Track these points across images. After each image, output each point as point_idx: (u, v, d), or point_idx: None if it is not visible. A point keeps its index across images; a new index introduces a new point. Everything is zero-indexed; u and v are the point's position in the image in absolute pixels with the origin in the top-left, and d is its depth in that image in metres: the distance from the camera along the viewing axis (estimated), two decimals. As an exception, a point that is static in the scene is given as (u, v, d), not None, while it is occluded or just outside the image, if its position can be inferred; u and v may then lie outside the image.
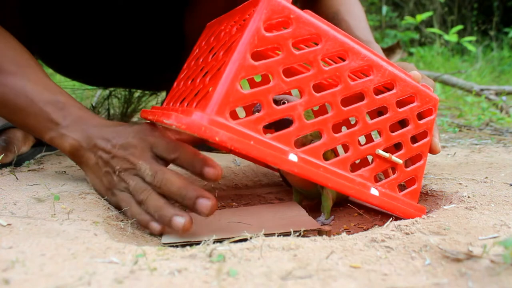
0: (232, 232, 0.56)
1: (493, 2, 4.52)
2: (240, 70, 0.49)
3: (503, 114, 1.61)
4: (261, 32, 0.50)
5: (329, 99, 0.55)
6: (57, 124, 0.66)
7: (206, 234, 0.55)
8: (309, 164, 0.53)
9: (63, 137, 0.65)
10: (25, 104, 0.67)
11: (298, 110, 0.53)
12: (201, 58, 0.62)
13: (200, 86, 0.55)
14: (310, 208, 0.74)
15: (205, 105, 0.49)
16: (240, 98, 0.49)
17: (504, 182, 0.72)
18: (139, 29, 1.03)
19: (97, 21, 0.99)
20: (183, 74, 0.67)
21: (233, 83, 0.49)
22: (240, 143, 0.48)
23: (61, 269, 0.40)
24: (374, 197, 0.58)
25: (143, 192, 0.57)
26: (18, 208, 0.56)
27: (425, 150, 0.63)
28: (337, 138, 0.56)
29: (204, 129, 0.47)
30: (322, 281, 0.39)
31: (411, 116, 0.61)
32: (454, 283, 0.39)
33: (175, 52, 1.07)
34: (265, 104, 0.51)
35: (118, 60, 1.09)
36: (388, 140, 0.60)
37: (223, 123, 0.48)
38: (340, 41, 0.55)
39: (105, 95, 1.47)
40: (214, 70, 0.53)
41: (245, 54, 0.49)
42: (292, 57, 0.52)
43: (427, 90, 0.63)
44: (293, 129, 0.52)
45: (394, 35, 3.95)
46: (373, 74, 0.58)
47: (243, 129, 0.49)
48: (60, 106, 0.67)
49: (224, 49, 0.55)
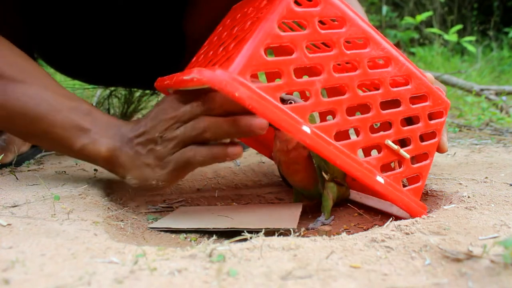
0: (214, 224, 0.60)
1: (493, 2, 4.51)
2: (266, 37, 0.51)
3: (503, 114, 1.61)
4: (291, 5, 0.52)
5: (347, 81, 0.56)
6: (88, 130, 0.63)
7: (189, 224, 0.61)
8: (320, 139, 0.53)
9: (97, 142, 0.62)
10: (47, 113, 0.63)
11: (316, 86, 0.54)
12: (225, 33, 0.63)
13: (222, 53, 0.56)
14: (310, 208, 0.74)
15: (228, 65, 0.50)
16: (262, 63, 0.51)
17: (504, 182, 0.72)
18: (139, 28, 1.03)
19: (97, 20, 0.99)
20: (203, 50, 0.67)
21: (257, 48, 0.50)
22: (258, 103, 0.50)
23: (61, 269, 0.40)
24: (380, 184, 0.58)
25: (201, 121, 0.55)
26: (18, 208, 0.56)
27: (432, 150, 0.64)
28: (350, 121, 0.56)
29: (225, 83, 0.48)
30: (322, 281, 0.39)
31: (422, 114, 0.62)
32: (454, 283, 0.39)
33: (175, 51, 1.07)
34: (285, 73, 0.52)
35: (118, 59, 1.09)
36: (398, 133, 0.60)
37: (244, 82, 0.49)
38: (363, 29, 0.57)
39: (105, 95, 1.47)
40: (239, 39, 0.54)
41: (273, 23, 0.51)
42: (316, 34, 0.54)
43: (439, 93, 0.63)
44: (309, 103, 0.53)
45: (394, 35, 3.95)
46: (391, 66, 0.59)
47: (262, 92, 0.50)
48: (86, 112, 0.65)
49: (252, 20, 0.56)
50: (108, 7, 0.96)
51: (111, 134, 0.63)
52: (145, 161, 0.60)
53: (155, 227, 0.63)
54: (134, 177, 0.61)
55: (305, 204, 0.73)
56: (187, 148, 0.57)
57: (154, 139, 0.58)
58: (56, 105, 0.64)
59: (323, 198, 0.67)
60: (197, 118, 0.56)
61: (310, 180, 0.68)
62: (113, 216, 0.60)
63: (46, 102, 0.64)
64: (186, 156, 0.57)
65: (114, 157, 0.62)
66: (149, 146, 0.59)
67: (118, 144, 0.62)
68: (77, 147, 0.63)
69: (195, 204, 0.79)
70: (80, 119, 0.64)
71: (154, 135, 0.58)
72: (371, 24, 0.58)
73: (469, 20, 4.48)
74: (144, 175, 0.60)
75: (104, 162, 0.63)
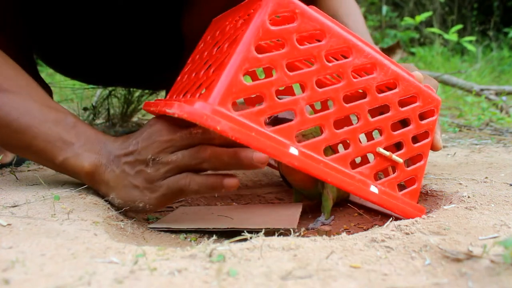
0: (214, 224, 0.60)
1: (493, 2, 4.51)
2: (244, 61, 0.50)
3: (503, 114, 1.61)
4: (266, 25, 0.51)
5: (332, 95, 0.55)
6: (71, 144, 0.61)
7: (189, 224, 0.61)
8: (309, 158, 0.53)
9: (79, 157, 0.60)
10: (31, 124, 0.61)
11: (300, 104, 0.53)
12: (206, 52, 0.63)
13: (203, 78, 0.56)
14: (310, 208, 0.74)
15: (207, 95, 0.49)
16: (243, 89, 0.50)
17: (504, 182, 0.72)
18: (138, 28, 1.03)
19: (96, 20, 0.99)
20: (187, 68, 0.67)
21: (236, 74, 0.49)
22: (241, 134, 0.49)
23: (61, 269, 0.40)
24: (374, 195, 0.57)
25: (202, 151, 0.54)
26: (18, 208, 0.56)
27: (426, 150, 0.63)
28: (338, 134, 0.56)
29: (206, 117, 0.47)
30: (322, 281, 0.39)
31: (412, 116, 0.61)
32: (454, 283, 0.39)
33: (174, 51, 1.07)
34: (267, 96, 0.51)
35: (117, 59, 1.09)
36: (389, 139, 0.60)
37: (225, 113, 0.48)
38: (344, 38, 0.55)
39: (105, 95, 1.47)
40: (218, 63, 0.54)
41: (250, 46, 0.50)
42: (296, 52, 0.52)
43: (429, 91, 0.63)
44: (294, 123, 0.53)
45: (394, 35, 3.95)
46: (376, 72, 0.58)
47: (244, 120, 0.49)
48: (71, 124, 0.63)
49: (229, 41, 0.55)
50: (107, 7, 0.96)
51: (97, 149, 0.61)
52: (133, 181, 0.58)
53: (155, 227, 0.63)
54: (119, 197, 0.60)
55: (305, 204, 0.73)
56: (182, 174, 0.56)
57: (145, 160, 0.57)
58: (41, 116, 0.62)
59: (323, 198, 0.67)
60: (195, 146, 0.55)
61: (310, 180, 0.68)
62: (113, 216, 0.60)
63: (30, 113, 0.62)
64: (181, 184, 0.56)
65: (98, 174, 0.60)
66: (139, 167, 0.58)
67: (103, 160, 0.60)
68: (59, 160, 0.61)
69: (195, 204, 0.79)
70: (64, 131, 0.62)
71: (145, 157, 0.57)
72: (365, 22, 0.58)
73: (469, 20, 4.47)
74: (131, 196, 0.59)
75: (86, 178, 0.61)
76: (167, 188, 0.57)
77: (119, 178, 0.59)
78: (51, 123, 0.62)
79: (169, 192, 0.57)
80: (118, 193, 0.60)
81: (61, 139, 0.61)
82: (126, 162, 0.58)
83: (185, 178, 0.56)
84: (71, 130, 0.62)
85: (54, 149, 0.61)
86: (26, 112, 0.62)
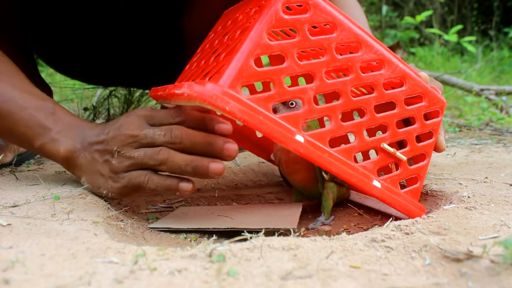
0: (214, 224, 0.60)
1: (493, 2, 4.51)
2: (256, 47, 0.50)
3: (503, 114, 1.61)
4: (279, 13, 0.52)
5: (339, 87, 0.55)
6: (49, 130, 0.64)
7: (189, 224, 0.62)
8: (314, 147, 0.53)
9: (56, 142, 0.63)
10: (13, 110, 0.64)
11: (308, 94, 0.53)
12: (216, 41, 0.63)
13: (213, 65, 0.56)
14: (310, 208, 0.74)
15: (218, 78, 0.49)
16: (253, 74, 0.50)
17: (504, 182, 0.72)
18: (138, 28, 1.03)
19: (97, 20, 0.99)
20: (196, 57, 0.67)
21: (247, 59, 0.50)
22: (249, 116, 0.49)
23: (61, 269, 0.40)
24: (376, 189, 0.57)
25: (160, 153, 0.56)
26: (18, 208, 0.56)
27: (429, 150, 0.63)
28: (344, 127, 0.56)
29: (215, 97, 0.48)
30: (322, 281, 0.39)
31: (418, 115, 0.61)
32: (454, 283, 0.39)
33: (174, 51, 1.07)
34: (276, 83, 0.51)
35: (118, 59, 1.09)
36: (393, 136, 0.60)
37: (235, 95, 0.49)
38: (354, 33, 0.56)
39: (105, 95, 1.47)
40: (229, 49, 0.54)
41: (262, 32, 0.51)
42: (307, 41, 0.53)
43: (435, 92, 0.63)
44: (302, 111, 0.53)
45: (394, 35, 3.95)
46: (385, 69, 0.58)
47: (253, 104, 0.50)
48: (50, 111, 0.65)
49: (241, 29, 0.56)
50: (108, 7, 0.96)
51: (73, 135, 0.63)
52: (100, 169, 0.61)
53: (155, 227, 0.63)
54: (88, 181, 0.63)
55: (305, 204, 0.73)
56: (143, 172, 0.58)
57: (111, 151, 0.59)
58: (22, 103, 0.65)
59: (323, 198, 0.67)
60: (157, 146, 0.57)
61: (310, 180, 0.68)
62: (113, 216, 0.60)
63: (12, 100, 0.65)
64: (140, 180, 0.58)
65: (72, 159, 0.63)
66: (106, 156, 0.60)
67: (78, 146, 0.62)
68: (38, 145, 0.64)
69: (195, 204, 0.79)
70: (43, 117, 0.64)
71: (112, 148, 0.59)
72: (368, 24, 0.58)
73: (469, 20, 4.47)
74: (97, 183, 0.62)
75: (62, 162, 0.64)
76: (128, 181, 0.59)
77: (90, 164, 0.62)
78: (32, 109, 0.64)
79: (129, 185, 0.59)
80: (87, 178, 0.63)
81: (40, 125, 0.64)
82: (96, 150, 0.61)
83: (144, 175, 0.58)
84: (50, 116, 0.65)
85: (33, 134, 0.64)
86: (8, 98, 0.65)
